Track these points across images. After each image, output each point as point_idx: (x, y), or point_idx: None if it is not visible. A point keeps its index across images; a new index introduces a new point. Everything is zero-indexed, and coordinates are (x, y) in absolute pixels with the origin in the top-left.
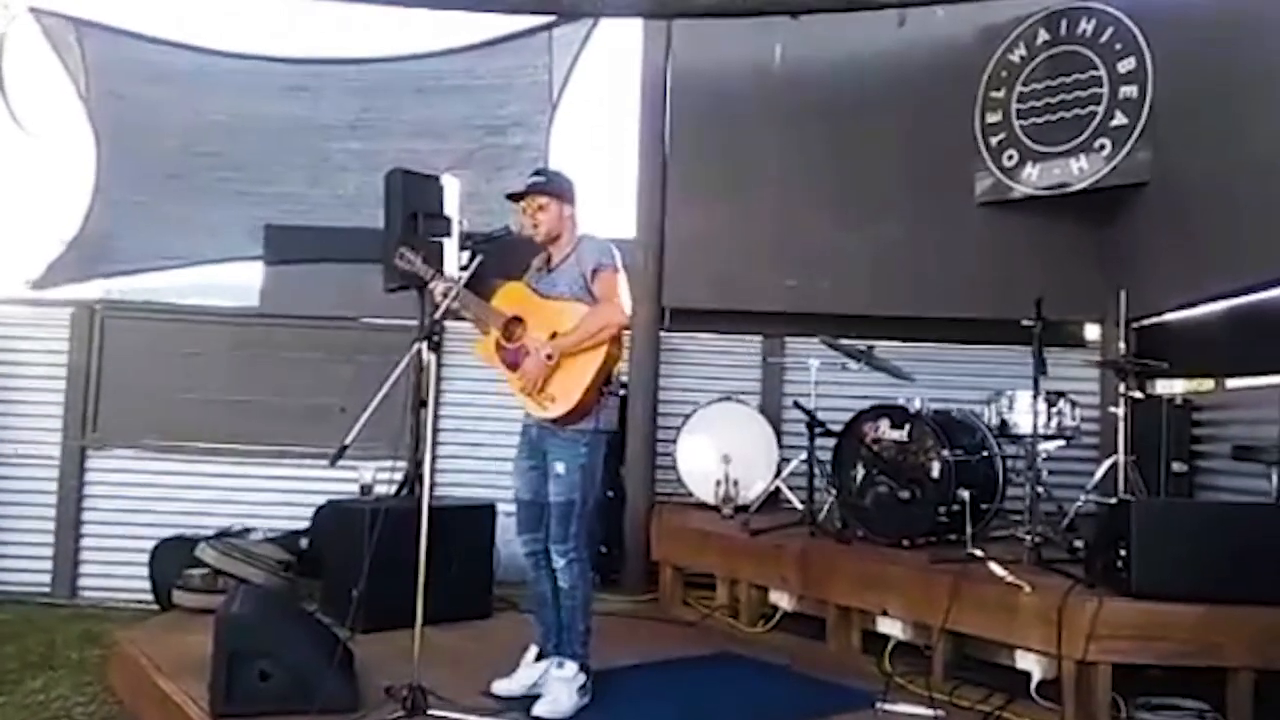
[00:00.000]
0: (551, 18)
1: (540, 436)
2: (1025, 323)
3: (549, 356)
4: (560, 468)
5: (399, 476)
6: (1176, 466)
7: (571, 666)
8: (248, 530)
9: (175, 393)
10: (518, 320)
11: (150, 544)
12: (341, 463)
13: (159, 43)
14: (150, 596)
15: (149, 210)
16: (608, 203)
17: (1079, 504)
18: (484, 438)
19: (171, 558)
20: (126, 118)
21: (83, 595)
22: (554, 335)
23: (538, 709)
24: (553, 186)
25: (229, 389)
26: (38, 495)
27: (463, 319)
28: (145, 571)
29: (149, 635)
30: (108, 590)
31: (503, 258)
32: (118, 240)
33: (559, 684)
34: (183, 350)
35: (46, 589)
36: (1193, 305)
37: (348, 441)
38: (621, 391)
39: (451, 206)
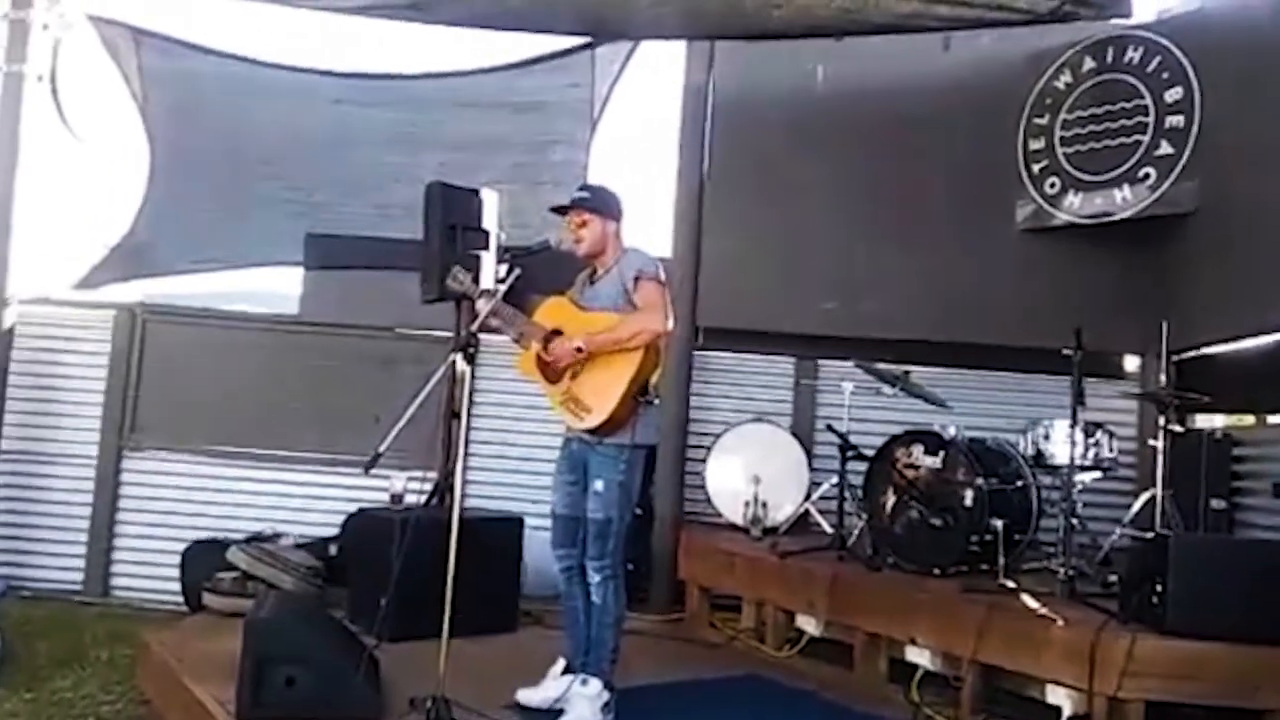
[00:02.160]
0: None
1: (581, 451)
2: (1065, 352)
3: (579, 349)
4: (599, 484)
5: (429, 486)
6: (1215, 503)
7: (596, 684)
8: (278, 535)
9: (212, 396)
10: (558, 333)
11: (182, 546)
12: (374, 471)
13: (213, 53)
14: (180, 598)
15: (197, 216)
16: (645, 220)
17: (1114, 537)
18: (513, 450)
19: (203, 560)
20: (180, 125)
21: (114, 595)
22: None
23: None
24: (596, 202)
25: (265, 394)
26: (74, 494)
27: (501, 333)
28: (176, 573)
29: (178, 637)
30: (139, 590)
31: (542, 271)
32: (164, 243)
33: (582, 700)
34: (221, 354)
35: (79, 587)
36: (1236, 339)
37: (381, 449)
38: (657, 400)
39: (490, 220)
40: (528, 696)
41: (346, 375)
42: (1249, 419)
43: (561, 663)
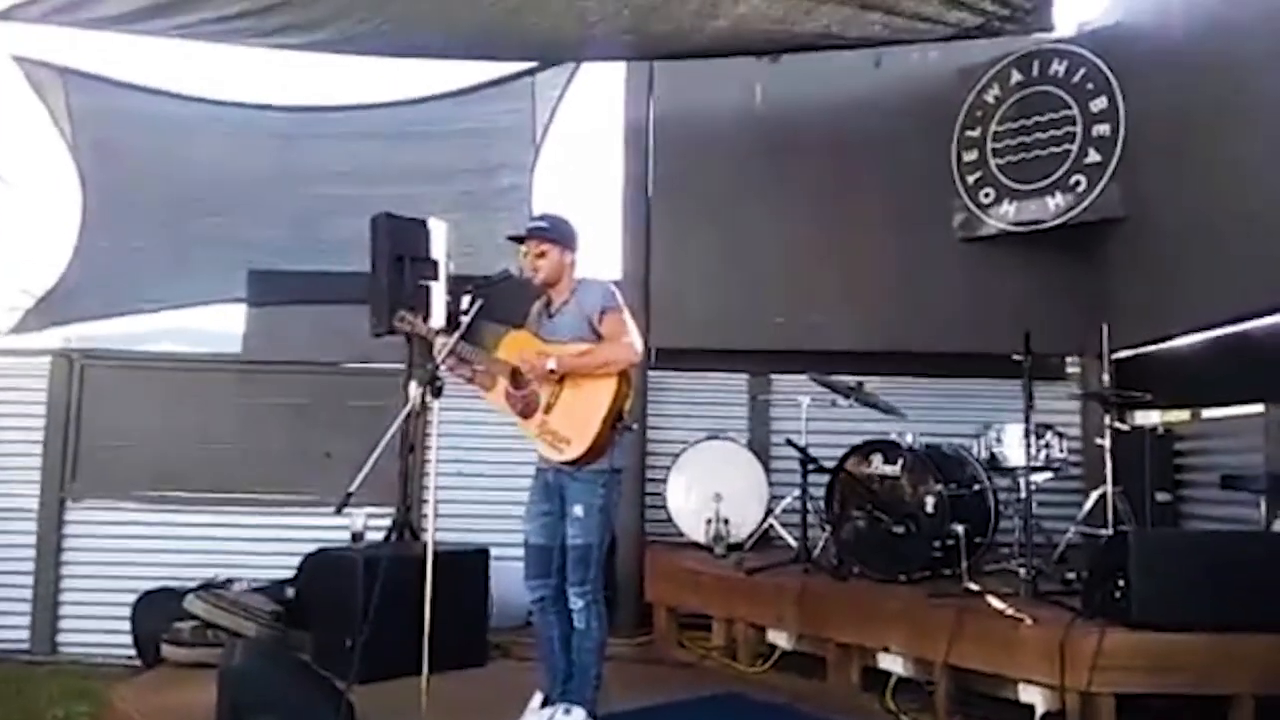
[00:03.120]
0: (533, 64)
1: (557, 480)
2: (1015, 357)
3: (551, 369)
4: (579, 510)
5: (387, 523)
6: (1161, 496)
7: (579, 712)
8: (231, 581)
9: (155, 441)
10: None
11: (131, 596)
12: (322, 509)
13: (146, 91)
14: (132, 650)
15: (134, 256)
16: (592, 243)
17: (1069, 535)
18: (473, 481)
19: (155, 610)
20: (113, 165)
21: (62, 651)
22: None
23: None
24: (555, 232)
25: (210, 436)
26: (15, 549)
27: (455, 371)
28: (127, 625)
29: (140, 691)
30: (89, 645)
31: (503, 301)
32: (101, 285)
33: None
34: (163, 398)
35: (25, 645)
36: (1169, 338)
37: (352, 489)
38: (634, 426)
39: (439, 250)
40: None
41: (294, 413)
42: (1184, 414)
43: (539, 696)
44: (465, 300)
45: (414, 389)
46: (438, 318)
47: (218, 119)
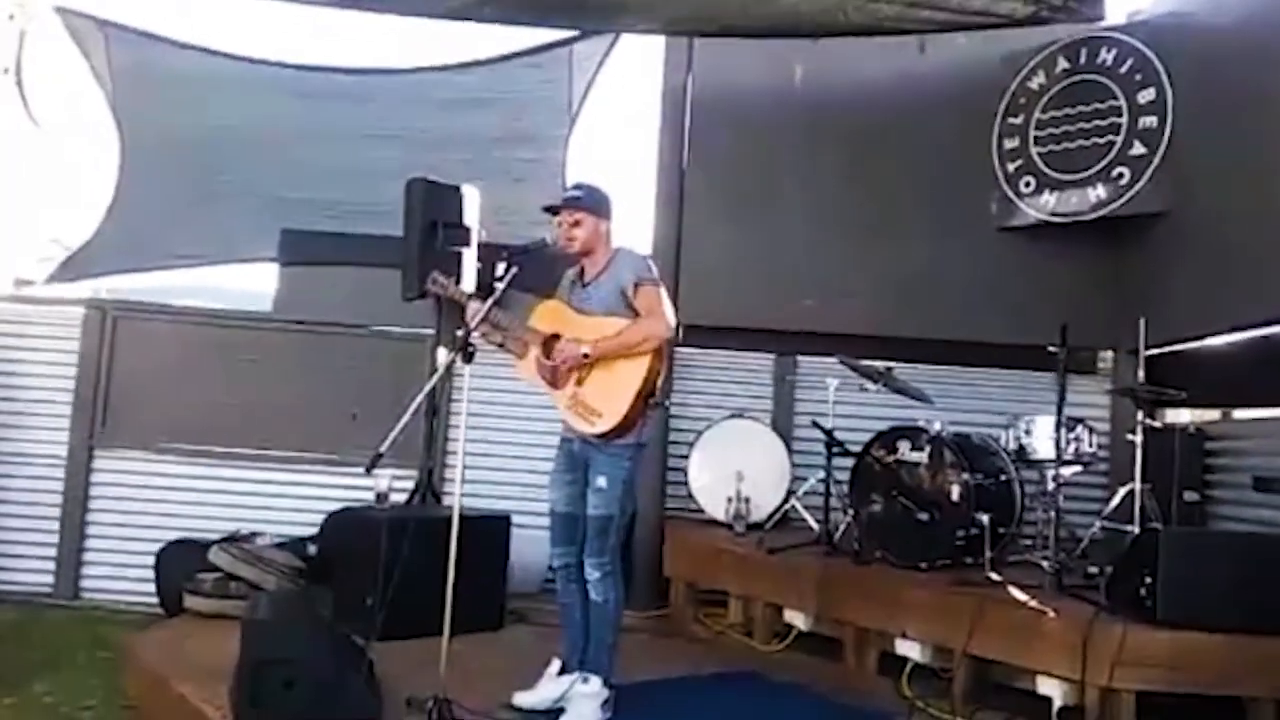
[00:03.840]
0: (574, 33)
1: (584, 450)
2: (1051, 349)
3: (585, 355)
4: (603, 481)
5: (409, 486)
6: (1189, 495)
7: (596, 682)
8: (256, 535)
9: (184, 395)
10: (557, 338)
11: (155, 546)
12: (346, 469)
13: (186, 47)
14: (154, 599)
15: (169, 211)
16: (624, 218)
17: (1093, 530)
18: (497, 448)
19: (179, 561)
20: (151, 118)
21: (85, 597)
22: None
23: None
24: (590, 201)
25: (238, 392)
26: (43, 494)
27: (491, 341)
28: (150, 574)
29: (162, 639)
30: (111, 592)
31: (537, 270)
32: (135, 239)
33: (584, 700)
34: (193, 352)
35: (49, 589)
36: (1207, 336)
37: (383, 449)
38: (666, 402)
39: (471, 217)
40: (524, 699)
41: (321, 373)
42: (1216, 414)
43: (557, 663)
44: (500, 267)
45: (443, 353)
46: (469, 283)
47: (255, 78)
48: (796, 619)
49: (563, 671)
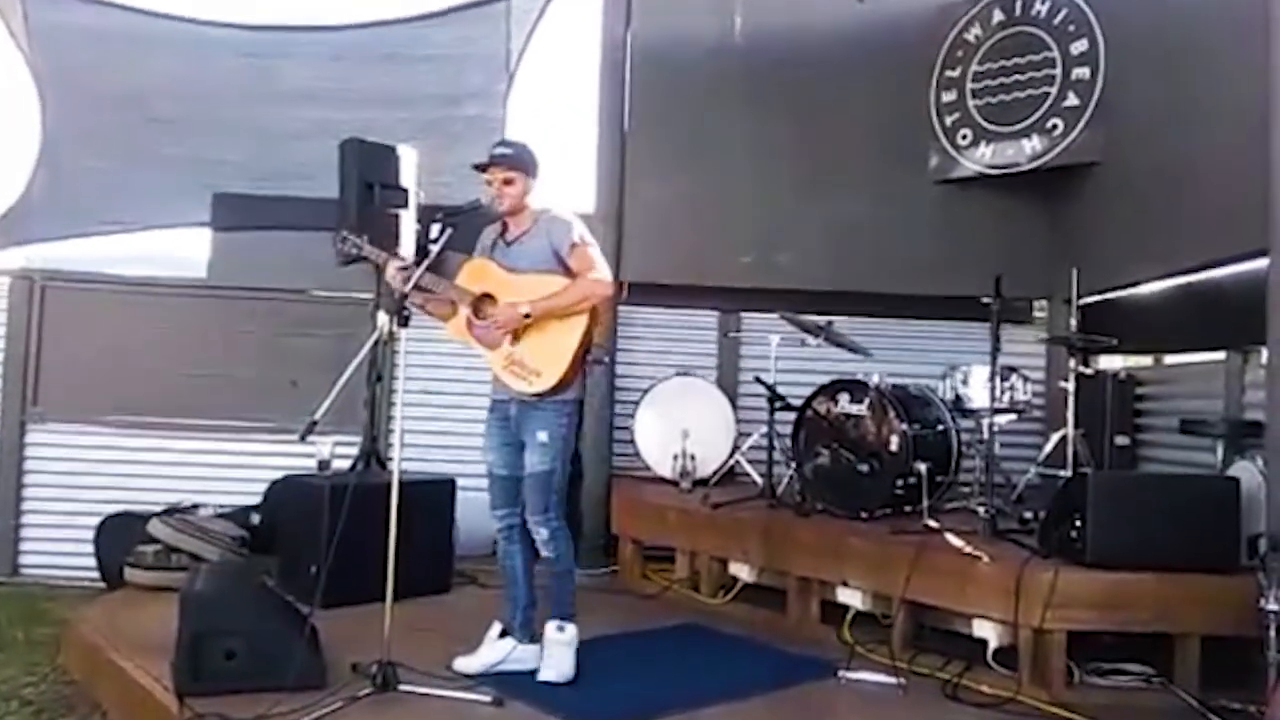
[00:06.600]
0: None
1: (520, 411)
2: (985, 300)
3: (526, 315)
4: (544, 436)
5: (353, 452)
6: (1120, 440)
7: (571, 629)
8: (196, 506)
9: (118, 365)
10: (487, 297)
11: (94, 520)
12: (289, 437)
13: (108, 4)
14: (95, 573)
15: (95, 177)
16: (565, 176)
17: (1028, 476)
18: (439, 411)
19: (118, 534)
20: (73, 82)
21: (23, 573)
22: None
23: (544, 675)
24: (519, 158)
25: (173, 362)
26: None
27: (413, 304)
28: (89, 548)
29: (102, 614)
30: (50, 568)
31: (467, 231)
32: (61, 206)
33: (561, 648)
34: (126, 321)
35: None
36: (1140, 283)
37: (317, 416)
38: (606, 359)
39: (409, 177)
40: (465, 664)
41: (259, 340)
42: (1147, 360)
43: (498, 626)
44: (435, 229)
45: (383, 317)
46: (407, 246)
47: (182, 36)
48: (741, 571)
49: (504, 635)
